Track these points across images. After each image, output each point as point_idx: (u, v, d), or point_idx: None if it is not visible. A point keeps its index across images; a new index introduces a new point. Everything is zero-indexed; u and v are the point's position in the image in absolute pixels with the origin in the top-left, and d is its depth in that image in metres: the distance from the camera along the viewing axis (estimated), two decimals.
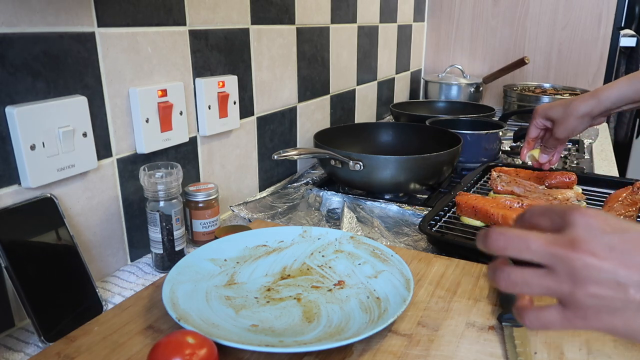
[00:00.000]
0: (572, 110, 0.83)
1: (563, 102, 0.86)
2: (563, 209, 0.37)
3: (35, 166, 0.59)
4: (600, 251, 0.33)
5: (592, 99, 0.82)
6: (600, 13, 1.76)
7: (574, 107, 0.83)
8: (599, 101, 0.81)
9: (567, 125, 0.85)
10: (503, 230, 0.37)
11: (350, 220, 0.89)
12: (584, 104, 0.82)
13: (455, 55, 2.04)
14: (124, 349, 0.53)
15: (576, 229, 0.35)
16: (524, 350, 0.52)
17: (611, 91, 0.80)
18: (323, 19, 1.21)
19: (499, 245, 0.37)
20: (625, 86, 0.80)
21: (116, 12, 0.67)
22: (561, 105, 0.86)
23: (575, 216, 0.35)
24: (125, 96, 0.71)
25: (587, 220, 0.35)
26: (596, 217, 0.35)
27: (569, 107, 0.84)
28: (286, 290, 0.64)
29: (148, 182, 0.69)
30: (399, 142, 1.21)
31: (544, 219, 0.38)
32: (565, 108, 0.85)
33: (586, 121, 0.84)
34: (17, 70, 0.57)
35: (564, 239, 0.35)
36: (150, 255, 0.75)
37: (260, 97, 1.01)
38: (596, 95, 0.82)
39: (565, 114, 0.85)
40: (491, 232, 0.37)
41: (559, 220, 0.37)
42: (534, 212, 0.39)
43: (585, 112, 0.83)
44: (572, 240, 0.34)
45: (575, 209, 0.36)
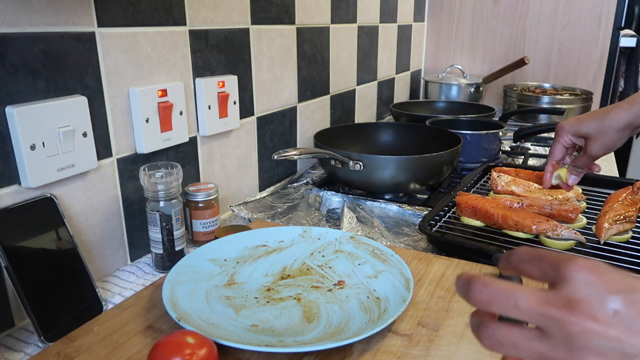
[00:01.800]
0: (611, 122, 0.73)
1: (596, 115, 0.76)
2: (556, 258, 0.32)
3: (35, 166, 0.59)
4: (602, 315, 0.28)
5: (631, 107, 0.72)
6: (600, 13, 1.76)
7: (612, 118, 0.73)
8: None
9: (606, 141, 0.74)
10: (487, 281, 0.32)
11: (350, 220, 0.89)
12: (624, 113, 0.72)
13: (455, 55, 2.04)
14: (124, 349, 0.53)
15: (573, 285, 0.30)
16: None
17: None
18: (323, 19, 1.21)
19: (482, 299, 0.32)
20: None
21: (116, 12, 0.67)
22: (595, 118, 0.76)
23: (571, 270, 0.30)
24: (125, 96, 0.71)
25: (586, 276, 0.30)
26: (596, 272, 0.30)
27: (605, 119, 0.74)
28: (286, 290, 0.64)
29: (148, 182, 0.69)
30: (399, 142, 1.21)
31: (534, 267, 0.33)
32: (601, 121, 0.74)
33: (627, 133, 0.74)
34: (17, 70, 0.57)
35: (560, 298, 0.30)
36: (150, 255, 0.75)
37: (260, 97, 1.01)
38: (636, 103, 0.72)
39: (602, 127, 0.74)
40: (473, 283, 0.33)
41: (552, 272, 0.32)
42: (522, 257, 0.34)
43: (626, 123, 0.72)
44: (570, 301, 0.29)
45: (571, 260, 0.31)
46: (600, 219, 0.79)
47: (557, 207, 0.82)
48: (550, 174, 0.84)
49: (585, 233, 0.77)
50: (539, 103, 1.69)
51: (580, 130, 0.78)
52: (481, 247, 0.74)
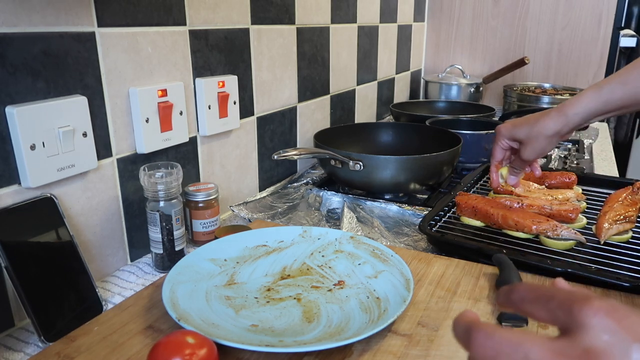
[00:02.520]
0: (540, 129, 0.75)
1: (528, 121, 0.78)
2: (567, 299, 0.28)
3: (35, 166, 0.59)
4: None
5: (559, 116, 0.74)
6: (600, 13, 1.76)
7: (541, 126, 0.75)
8: (567, 118, 0.73)
9: (535, 146, 0.77)
10: (490, 331, 0.28)
11: (350, 220, 0.89)
12: (552, 122, 0.74)
13: (455, 55, 2.04)
14: (124, 349, 0.53)
15: (591, 333, 0.26)
16: None
17: (579, 106, 0.72)
18: (323, 19, 1.21)
19: (487, 353, 0.28)
20: (593, 99, 0.71)
21: (116, 12, 0.67)
22: (527, 124, 0.78)
23: (587, 314, 0.26)
24: (125, 96, 0.71)
25: (605, 321, 0.26)
26: (615, 317, 0.26)
27: (535, 127, 0.76)
28: (286, 290, 0.64)
29: (148, 182, 0.69)
30: (399, 142, 1.21)
31: (540, 308, 0.29)
32: (531, 127, 0.77)
33: (555, 140, 0.76)
34: (17, 70, 0.57)
35: (576, 349, 0.26)
36: (150, 255, 0.75)
37: (260, 97, 1.01)
38: (563, 112, 0.74)
39: (532, 134, 0.77)
40: (475, 333, 0.29)
41: (563, 316, 0.27)
42: (525, 296, 0.30)
43: (554, 131, 0.75)
44: (588, 352, 0.25)
45: (586, 302, 0.27)
46: (600, 219, 0.79)
47: (557, 207, 0.82)
48: (495, 174, 0.88)
49: (585, 233, 0.77)
50: (539, 103, 1.69)
51: (513, 134, 0.81)
52: (481, 247, 0.74)
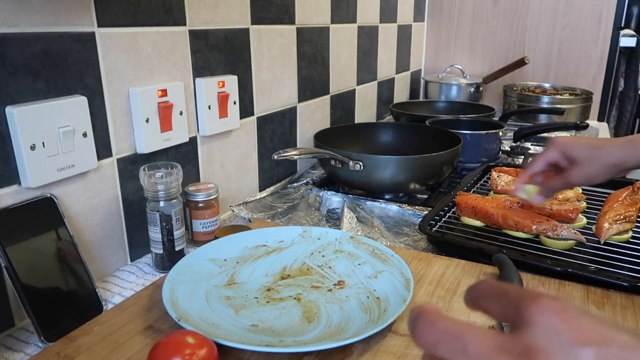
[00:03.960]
0: (602, 155, 0.68)
1: (591, 143, 0.70)
2: (519, 295, 0.27)
3: (35, 166, 0.59)
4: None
5: (627, 146, 0.67)
6: (600, 13, 1.76)
7: (605, 152, 0.67)
8: (636, 150, 0.66)
9: (589, 171, 0.68)
10: (434, 319, 0.27)
11: (350, 220, 0.89)
12: (617, 150, 0.67)
13: (455, 55, 2.04)
14: (124, 349, 0.53)
15: (534, 331, 0.25)
16: None
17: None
18: (323, 19, 1.21)
19: (426, 340, 0.27)
20: None
21: (116, 12, 0.67)
22: (589, 145, 0.69)
23: (534, 311, 0.25)
24: (125, 96, 0.71)
25: (551, 319, 0.25)
26: (564, 317, 0.25)
27: (597, 151, 0.68)
28: (286, 290, 0.64)
29: (148, 182, 0.69)
30: (399, 142, 1.21)
31: (495, 304, 0.28)
32: (593, 150, 0.68)
33: (613, 171, 0.68)
34: (17, 70, 0.57)
35: (516, 345, 0.25)
36: (150, 255, 0.75)
37: (260, 97, 1.01)
38: (633, 143, 0.66)
39: (592, 157, 0.68)
40: (419, 320, 0.28)
41: (512, 312, 0.27)
42: (483, 292, 0.30)
43: (616, 161, 0.67)
44: (527, 349, 0.24)
45: (535, 299, 0.26)
46: (600, 219, 0.79)
47: (557, 207, 0.82)
48: (520, 184, 0.75)
49: (585, 233, 0.77)
50: (539, 103, 1.69)
51: (571, 151, 0.71)
52: (481, 247, 0.74)
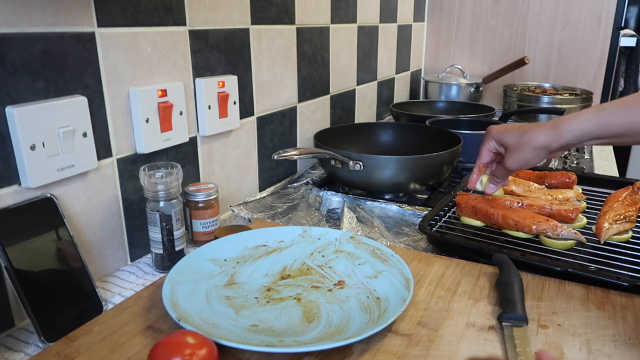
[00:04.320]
0: (528, 139, 0.71)
1: (519, 128, 0.74)
2: None
3: (35, 166, 0.59)
4: None
5: (552, 130, 0.69)
6: (600, 13, 1.76)
7: (530, 136, 0.70)
8: (560, 134, 0.68)
9: (520, 156, 0.72)
10: None
11: (350, 220, 0.89)
12: (542, 134, 0.69)
13: (455, 55, 2.04)
14: (124, 349, 0.53)
15: None
16: (524, 350, 0.52)
17: (574, 123, 0.67)
18: (323, 19, 1.21)
19: None
20: (592, 119, 0.65)
21: (116, 12, 0.67)
22: (517, 131, 0.73)
23: None
24: (125, 96, 0.71)
25: None
26: None
27: (524, 136, 0.71)
28: (286, 290, 0.64)
29: (148, 182, 0.69)
30: (399, 142, 1.21)
31: None
32: (521, 136, 0.72)
33: (542, 154, 0.71)
34: (17, 70, 0.57)
35: None
36: (150, 255, 0.75)
37: (260, 97, 1.01)
38: (557, 127, 0.68)
39: (520, 142, 0.72)
40: None
41: None
42: None
43: (542, 144, 0.70)
44: None
45: None
46: (600, 218, 0.79)
47: (557, 207, 0.82)
48: (476, 175, 0.82)
49: (585, 233, 0.77)
50: (539, 103, 1.69)
51: (502, 138, 0.75)
52: (481, 247, 0.74)
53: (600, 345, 0.54)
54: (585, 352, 0.53)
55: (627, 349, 0.53)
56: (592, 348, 0.54)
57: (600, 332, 0.56)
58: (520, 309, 0.58)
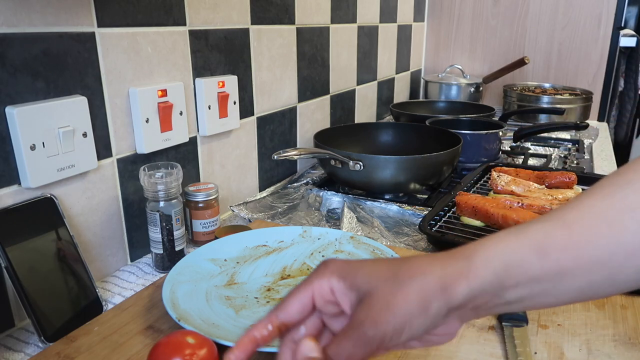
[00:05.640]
0: (412, 274, 0.37)
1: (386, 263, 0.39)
2: None
3: (35, 166, 0.59)
4: None
5: (454, 260, 0.37)
6: (600, 13, 1.76)
7: (416, 269, 0.37)
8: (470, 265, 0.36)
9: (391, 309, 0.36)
10: None
11: (350, 220, 0.89)
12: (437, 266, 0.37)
13: (455, 55, 2.04)
14: (124, 349, 0.53)
15: None
16: (524, 350, 0.52)
17: (492, 248, 0.36)
18: (323, 19, 1.21)
19: None
20: (518, 241, 0.36)
21: (116, 12, 0.67)
22: (382, 265, 0.39)
23: None
24: (125, 96, 0.71)
25: None
26: None
27: (403, 269, 0.38)
28: (286, 290, 0.64)
29: (148, 182, 0.69)
30: (399, 142, 1.21)
31: None
32: (396, 269, 0.38)
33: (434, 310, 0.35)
34: (17, 70, 0.57)
35: None
36: (150, 255, 0.75)
37: (260, 97, 1.01)
38: (466, 255, 0.37)
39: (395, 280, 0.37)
40: None
41: None
42: None
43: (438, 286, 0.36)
44: None
45: None
46: None
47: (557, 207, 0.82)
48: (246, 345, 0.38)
49: None
50: (539, 103, 1.69)
51: (355, 276, 0.37)
52: None
53: (600, 345, 0.54)
54: (585, 352, 0.53)
55: (627, 349, 0.53)
56: (592, 348, 0.54)
57: (600, 332, 0.56)
58: None
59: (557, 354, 0.53)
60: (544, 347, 0.54)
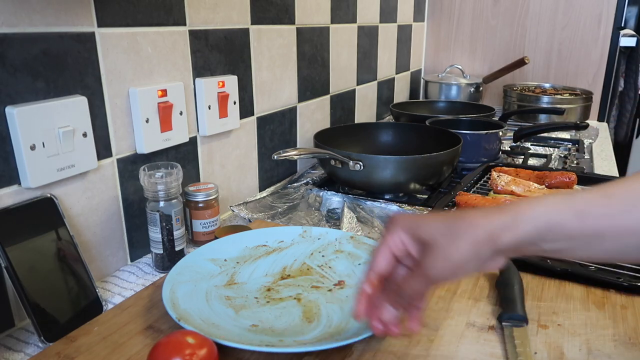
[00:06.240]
0: (466, 227, 0.44)
1: (444, 217, 0.46)
2: None
3: (35, 166, 0.59)
4: None
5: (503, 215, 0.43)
6: (600, 13, 1.76)
7: (469, 223, 0.44)
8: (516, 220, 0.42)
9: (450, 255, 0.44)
10: None
11: (350, 220, 0.89)
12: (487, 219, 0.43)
13: (455, 55, 2.04)
14: (124, 349, 0.53)
15: None
16: (524, 350, 0.52)
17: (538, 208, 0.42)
18: (323, 19, 1.21)
19: None
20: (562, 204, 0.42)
21: (116, 12, 0.67)
22: (442, 219, 0.46)
23: None
24: (125, 96, 0.71)
25: None
26: None
27: (458, 223, 0.44)
28: (286, 290, 0.64)
29: (148, 182, 0.69)
30: (399, 142, 1.21)
31: None
32: (451, 223, 0.45)
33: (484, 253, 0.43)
34: (17, 70, 0.57)
35: None
36: (150, 255, 0.75)
37: (260, 97, 1.01)
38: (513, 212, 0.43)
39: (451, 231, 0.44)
40: None
41: None
42: None
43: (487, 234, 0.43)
44: None
45: None
46: None
47: None
48: (365, 297, 0.49)
49: None
50: (539, 103, 1.69)
51: (419, 229, 0.46)
52: None
53: (600, 345, 0.54)
54: (585, 352, 0.53)
55: (627, 349, 0.53)
56: (592, 348, 0.54)
57: (600, 332, 0.56)
58: (520, 309, 0.58)
59: (557, 354, 0.53)
60: (544, 347, 0.54)
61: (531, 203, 0.42)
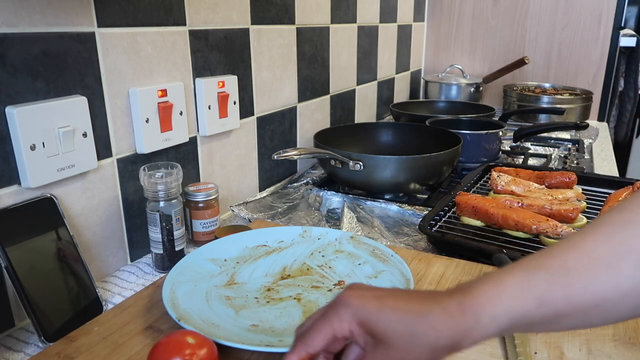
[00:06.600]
0: (425, 332, 0.38)
1: (405, 308, 0.39)
2: None
3: (35, 166, 0.59)
4: None
5: (462, 316, 0.38)
6: (600, 13, 1.76)
7: (428, 327, 0.38)
8: (476, 323, 0.38)
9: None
10: None
11: (350, 220, 0.89)
12: (446, 325, 0.38)
13: (455, 55, 2.04)
14: (124, 349, 0.53)
15: None
16: (524, 350, 0.52)
17: (498, 303, 0.38)
18: (323, 19, 1.21)
19: None
20: (522, 293, 0.38)
21: (116, 12, 0.67)
22: (403, 313, 0.39)
23: None
24: (125, 96, 0.71)
25: None
26: None
27: (418, 325, 0.39)
28: (286, 290, 0.64)
29: (148, 182, 0.69)
30: (399, 142, 1.21)
31: None
32: (413, 324, 0.39)
33: (442, 356, 0.39)
34: (17, 70, 0.57)
35: None
36: (150, 255, 0.75)
37: (260, 97, 1.01)
38: (471, 311, 0.38)
39: (411, 335, 0.38)
40: None
41: None
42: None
43: (447, 342, 0.39)
44: None
45: None
46: None
47: (557, 207, 0.82)
48: None
49: None
50: (539, 103, 1.69)
51: (376, 322, 0.39)
52: (481, 247, 0.74)
53: (600, 345, 0.54)
54: (585, 352, 0.53)
55: (627, 349, 0.53)
56: (592, 348, 0.54)
57: (600, 332, 0.56)
58: None
59: (557, 354, 0.53)
60: (544, 347, 0.54)
61: (491, 296, 0.38)
